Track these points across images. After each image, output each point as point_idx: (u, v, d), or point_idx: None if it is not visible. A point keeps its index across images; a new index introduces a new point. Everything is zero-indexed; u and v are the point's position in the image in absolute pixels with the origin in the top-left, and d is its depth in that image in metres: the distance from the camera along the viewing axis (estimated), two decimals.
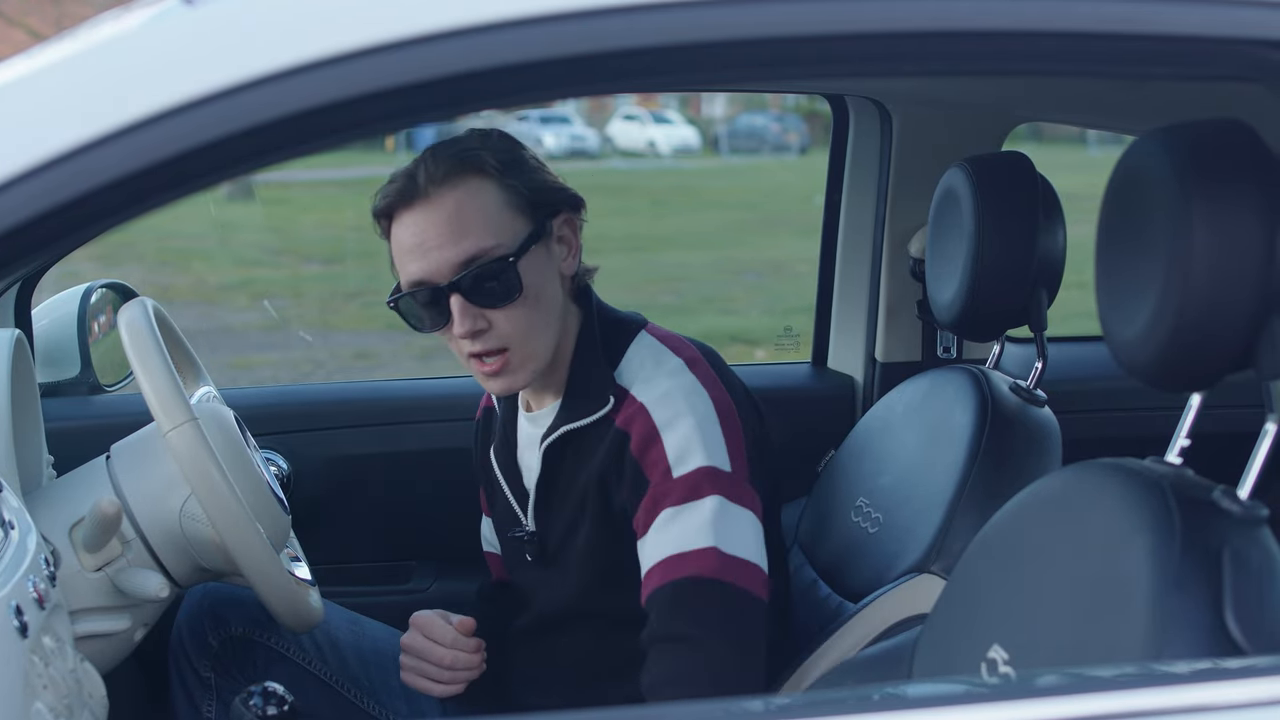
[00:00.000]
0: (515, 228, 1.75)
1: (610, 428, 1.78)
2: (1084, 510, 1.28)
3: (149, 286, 7.29)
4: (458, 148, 1.76)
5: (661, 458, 1.73)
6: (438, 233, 1.73)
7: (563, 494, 1.85)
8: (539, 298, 1.76)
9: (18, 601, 1.29)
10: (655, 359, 1.81)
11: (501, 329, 1.75)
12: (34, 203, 1.00)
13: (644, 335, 1.86)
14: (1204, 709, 1.03)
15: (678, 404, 1.75)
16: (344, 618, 2.13)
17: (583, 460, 1.82)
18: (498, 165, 1.75)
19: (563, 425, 1.82)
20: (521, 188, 1.76)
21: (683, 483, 1.72)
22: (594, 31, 1.04)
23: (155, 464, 1.78)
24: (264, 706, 1.76)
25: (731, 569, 1.70)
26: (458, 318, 1.74)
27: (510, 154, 1.78)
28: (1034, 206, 1.92)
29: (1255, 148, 1.14)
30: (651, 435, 1.74)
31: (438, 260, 1.73)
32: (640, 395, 1.78)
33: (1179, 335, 1.13)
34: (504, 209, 1.74)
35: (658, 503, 1.73)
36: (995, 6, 1.08)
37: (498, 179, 1.74)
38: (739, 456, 1.75)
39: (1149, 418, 1.86)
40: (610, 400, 1.79)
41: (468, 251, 1.72)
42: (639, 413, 1.76)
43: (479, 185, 1.74)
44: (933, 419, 2.03)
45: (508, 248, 1.73)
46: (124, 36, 1.07)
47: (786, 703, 1.18)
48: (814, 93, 3.25)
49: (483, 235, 1.72)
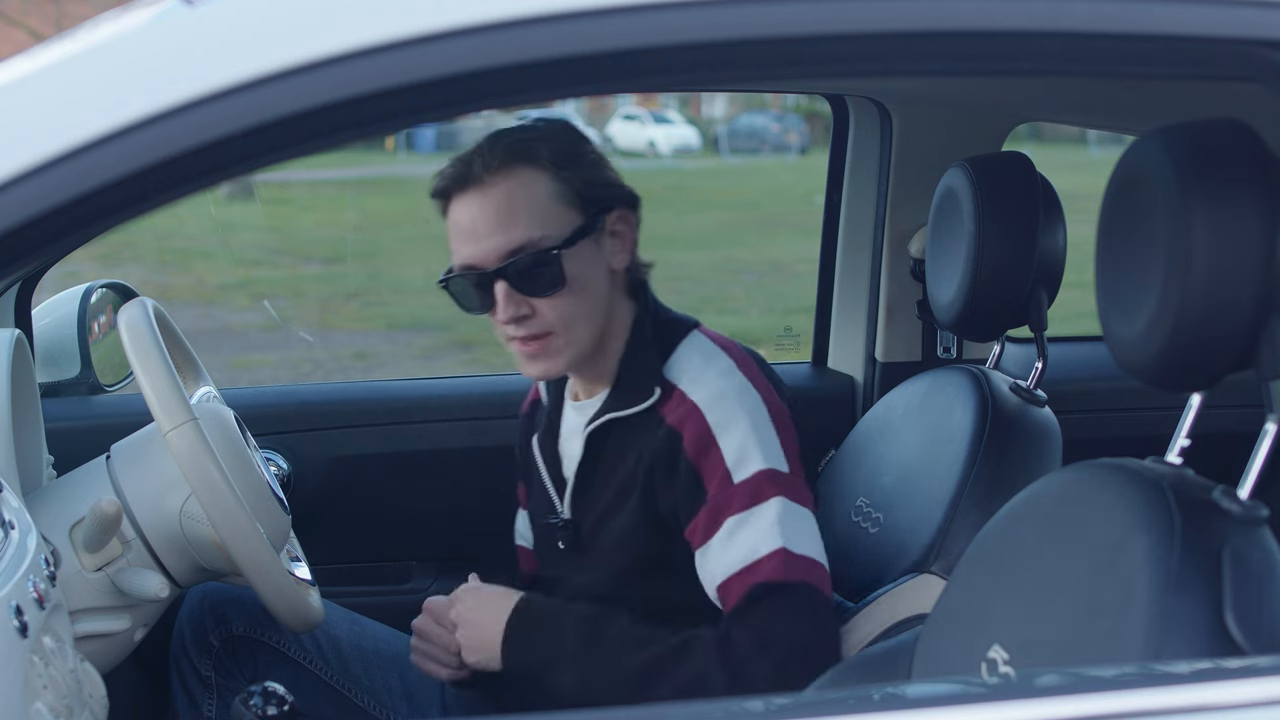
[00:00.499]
0: (564, 220, 1.77)
1: (656, 421, 1.80)
2: (1084, 510, 1.28)
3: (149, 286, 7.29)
4: (515, 137, 1.78)
5: (720, 463, 1.74)
6: (487, 220, 1.76)
7: (601, 482, 1.86)
8: (583, 289, 1.78)
9: (18, 601, 1.29)
10: (705, 357, 1.83)
11: (544, 316, 1.78)
12: (34, 203, 1.00)
13: (696, 334, 1.87)
14: (1204, 709, 1.03)
15: (731, 405, 1.76)
16: (344, 618, 2.13)
17: (624, 450, 1.83)
18: (553, 157, 1.77)
19: (608, 413, 1.84)
20: (575, 181, 1.78)
21: (744, 488, 1.73)
22: (594, 31, 1.04)
23: (155, 464, 1.78)
24: (264, 706, 1.76)
25: (802, 569, 1.71)
26: (501, 303, 1.77)
27: (569, 147, 1.81)
28: (1034, 207, 1.92)
29: (1255, 148, 1.14)
30: (707, 438, 1.75)
31: (486, 247, 1.76)
32: (691, 393, 1.79)
33: (1179, 335, 1.13)
34: (554, 201, 1.77)
35: (720, 512, 1.73)
36: (995, 6, 1.08)
37: (552, 171, 1.77)
38: (794, 457, 1.77)
39: (1149, 418, 1.86)
40: (656, 392, 1.80)
41: (515, 241, 1.75)
42: (692, 413, 1.77)
43: (532, 176, 1.76)
44: (933, 419, 2.03)
45: (554, 239, 1.76)
46: (124, 36, 1.07)
47: (786, 703, 1.18)
48: (814, 93, 3.25)
49: (530, 226, 1.75)
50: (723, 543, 1.73)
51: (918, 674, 1.45)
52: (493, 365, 7.89)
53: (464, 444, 2.52)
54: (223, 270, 10.92)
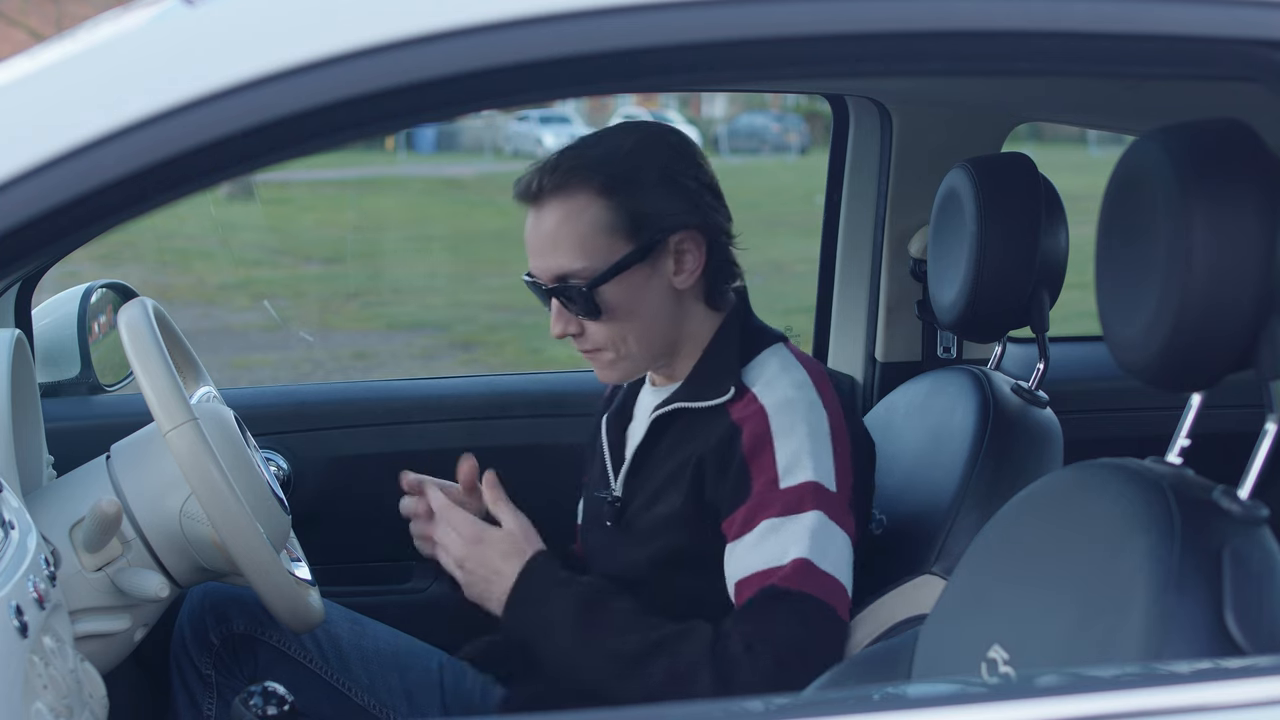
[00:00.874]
0: (608, 250, 1.79)
1: (723, 418, 1.81)
2: (1084, 510, 1.28)
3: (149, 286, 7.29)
4: (580, 156, 1.81)
5: (770, 465, 1.74)
6: (538, 242, 1.82)
7: (655, 466, 1.88)
8: (630, 314, 1.81)
9: (18, 601, 1.29)
10: (783, 366, 1.84)
11: (593, 335, 1.83)
12: (34, 203, 1.00)
13: (780, 346, 1.89)
14: (1204, 709, 1.03)
15: (796, 414, 1.77)
16: (345, 617, 2.13)
17: (685, 440, 1.84)
18: (609, 183, 1.78)
19: (678, 402, 1.86)
20: (631, 207, 1.79)
21: (788, 494, 1.73)
22: (594, 31, 1.04)
23: (155, 464, 1.78)
24: (264, 706, 1.75)
25: (819, 583, 1.71)
26: (553, 318, 1.85)
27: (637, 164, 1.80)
28: (1036, 207, 1.92)
29: (1255, 148, 1.14)
30: (764, 438, 1.76)
31: (538, 265, 1.84)
32: (761, 396, 1.80)
33: (1179, 335, 1.13)
34: (598, 231, 1.79)
35: (758, 511, 1.74)
36: (995, 6, 1.08)
37: (604, 199, 1.79)
38: (845, 479, 1.76)
39: (1149, 418, 1.86)
40: (731, 391, 1.82)
41: (558, 268, 1.80)
42: (757, 413, 1.78)
43: (583, 204, 1.79)
44: (934, 420, 2.03)
45: (592, 271, 1.78)
46: (124, 36, 1.08)
47: (786, 703, 1.18)
48: (814, 93, 3.25)
49: (571, 256, 1.79)
50: (753, 542, 1.73)
51: (918, 674, 1.45)
52: (492, 365, 7.90)
53: (464, 444, 2.51)
54: (223, 270, 10.93)
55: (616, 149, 1.83)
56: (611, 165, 1.80)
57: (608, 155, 1.81)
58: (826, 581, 1.71)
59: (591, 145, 1.84)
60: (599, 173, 1.79)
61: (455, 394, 2.64)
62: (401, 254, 11.96)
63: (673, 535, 1.83)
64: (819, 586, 1.70)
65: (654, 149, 1.84)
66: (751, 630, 1.70)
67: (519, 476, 2.51)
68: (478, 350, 8.37)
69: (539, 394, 2.65)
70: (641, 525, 1.88)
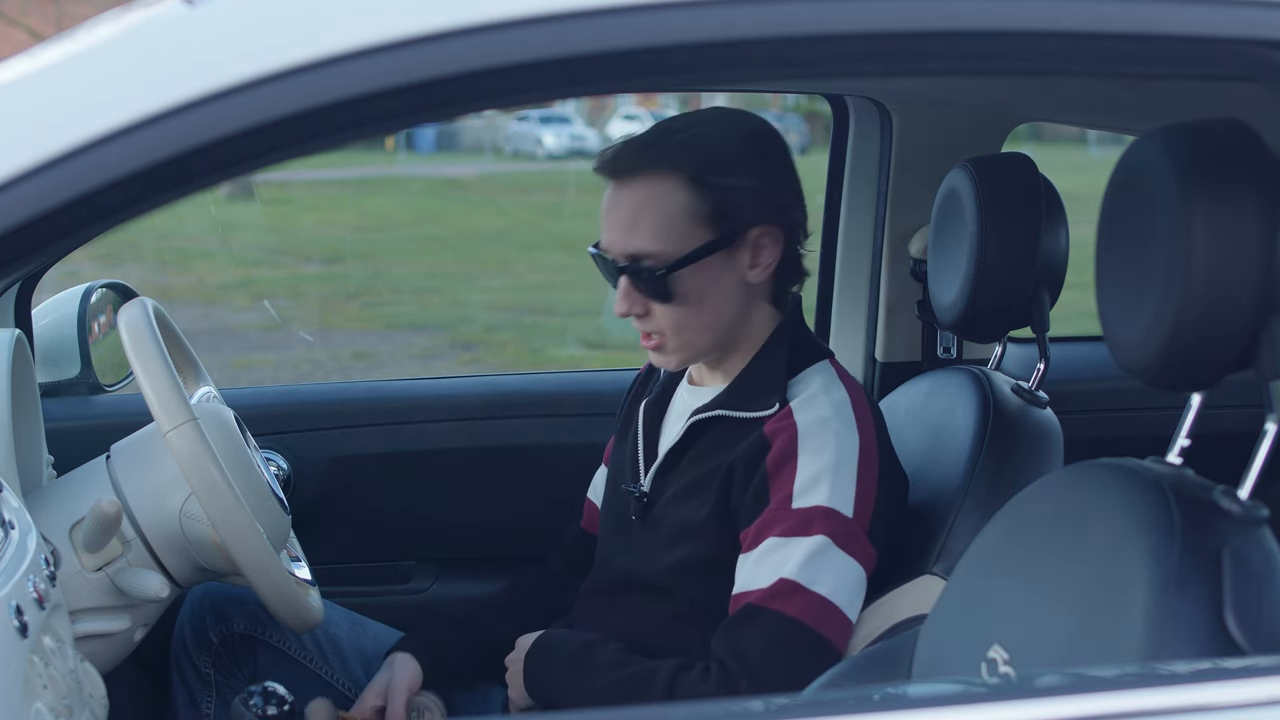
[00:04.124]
0: (690, 236, 1.77)
1: (758, 430, 1.79)
2: (1084, 510, 1.28)
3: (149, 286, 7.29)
4: (670, 140, 1.80)
5: (789, 483, 1.74)
6: (616, 219, 1.80)
7: (686, 467, 1.86)
8: (700, 301, 1.79)
9: (18, 601, 1.29)
10: (826, 386, 1.82)
11: (658, 319, 1.81)
12: (34, 203, 1.00)
13: (826, 363, 1.87)
14: (1204, 709, 1.03)
15: (826, 436, 1.75)
16: (345, 617, 2.13)
17: (718, 447, 1.83)
18: (697, 169, 1.76)
19: (720, 409, 1.84)
20: (716, 196, 1.77)
21: (797, 515, 1.72)
22: (594, 31, 1.04)
23: (155, 464, 1.78)
24: (264, 706, 1.76)
25: (809, 608, 1.70)
26: (620, 297, 1.82)
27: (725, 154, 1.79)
28: (1036, 208, 1.92)
29: (1255, 148, 1.14)
30: (790, 455, 1.75)
31: (613, 241, 1.81)
32: (797, 412, 1.78)
33: (1179, 335, 1.13)
34: (682, 216, 1.77)
35: (768, 527, 1.73)
36: (995, 6, 1.08)
37: (690, 185, 1.77)
38: (865, 507, 1.74)
39: (1150, 418, 1.86)
40: (775, 406, 1.80)
41: (635, 248, 1.78)
42: (788, 429, 1.77)
43: (667, 186, 1.77)
44: (934, 420, 2.03)
45: (671, 255, 1.77)
46: (124, 36, 1.07)
47: (786, 703, 1.18)
48: (814, 93, 3.25)
49: (651, 238, 1.77)
50: (757, 558, 1.73)
51: (918, 674, 1.45)
52: (492, 365, 7.90)
53: (464, 444, 2.52)
54: (223, 270, 10.93)
55: (708, 136, 1.81)
56: (704, 151, 1.78)
57: (699, 140, 1.80)
58: (813, 602, 1.70)
59: (682, 129, 1.82)
60: (691, 157, 1.77)
61: (455, 394, 2.64)
62: (401, 254, 11.95)
63: (695, 542, 1.82)
64: (800, 608, 1.69)
65: (745, 139, 1.83)
66: (726, 648, 1.71)
67: (519, 476, 2.53)
68: (478, 350, 8.36)
69: (539, 394, 2.65)
70: (667, 526, 1.87)
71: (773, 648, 1.69)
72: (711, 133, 1.81)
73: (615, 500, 1.99)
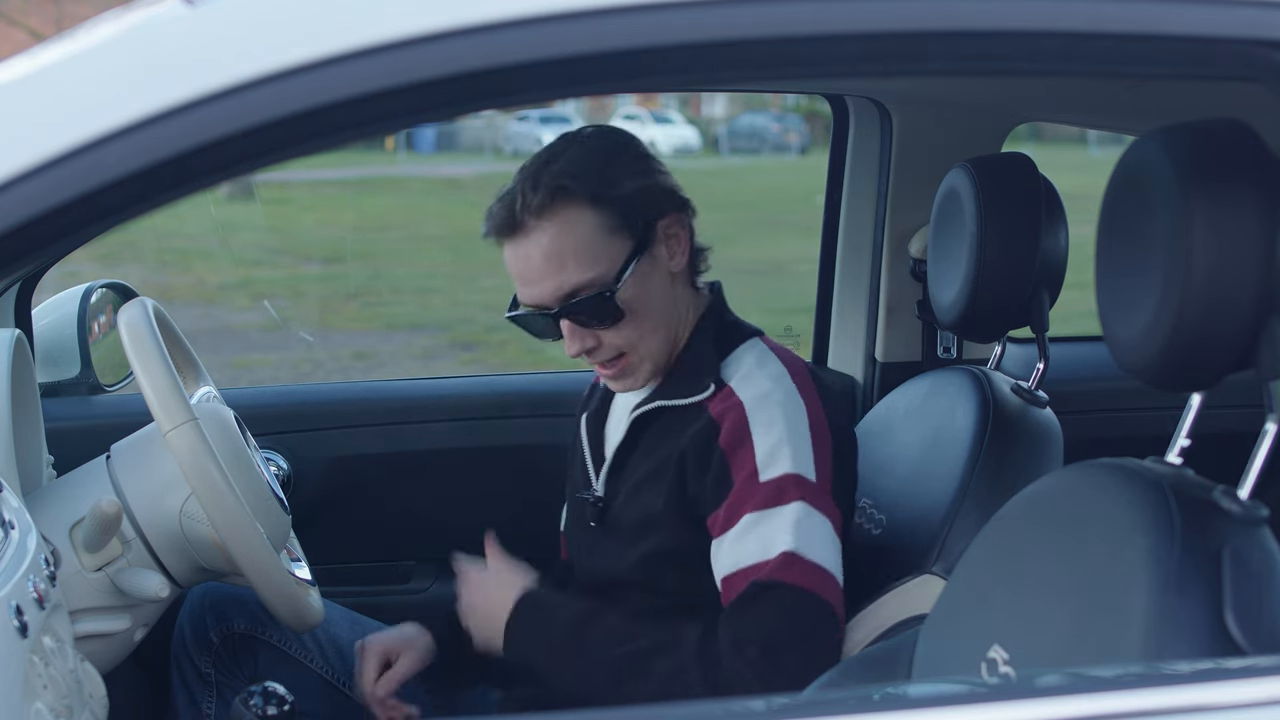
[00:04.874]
0: (614, 252, 1.78)
1: (703, 414, 1.81)
2: (1084, 510, 1.28)
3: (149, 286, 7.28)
4: (551, 173, 1.77)
5: (749, 459, 1.75)
6: (537, 267, 1.78)
7: (635, 464, 1.88)
8: (644, 307, 1.81)
9: (18, 601, 1.29)
10: (760, 361, 1.84)
11: (612, 342, 1.81)
12: (34, 203, 1.00)
13: (757, 340, 1.89)
14: (1204, 709, 1.03)
15: (773, 407, 1.77)
16: (345, 617, 2.13)
17: (664, 438, 1.85)
18: (590, 190, 1.77)
19: (658, 400, 1.86)
20: (618, 205, 1.78)
21: (768, 487, 1.73)
22: (594, 31, 1.04)
23: (155, 464, 1.78)
24: (264, 706, 1.76)
25: (809, 576, 1.71)
26: (568, 339, 1.81)
27: (606, 166, 1.80)
28: (1036, 207, 1.92)
29: (1255, 148, 1.14)
30: (743, 433, 1.76)
31: (540, 291, 1.79)
32: (739, 390, 1.81)
33: (1179, 335, 1.13)
34: (600, 235, 1.78)
35: (740, 506, 1.74)
36: (995, 6, 1.08)
37: (590, 204, 1.77)
38: (824, 468, 1.77)
39: (1150, 418, 1.86)
40: (711, 388, 1.82)
41: (567, 285, 1.77)
42: (734, 408, 1.79)
43: (575, 215, 1.77)
44: (934, 420, 2.03)
45: (606, 276, 1.77)
46: (124, 36, 1.07)
47: (786, 703, 1.18)
48: (814, 93, 3.25)
49: (580, 268, 1.77)
50: (737, 537, 1.73)
51: (918, 674, 1.45)
52: (492, 365, 7.90)
53: (464, 444, 2.52)
54: (223, 270, 10.92)
55: (579, 156, 1.80)
56: (585, 171, 1.78)
57: (575, 163, 1.79)
58: (813, 572, 1.71)
59: (550, 161, 1.80)
60: (578, 180, 1.77)
61: (455, 394, 2.64)
62: (401, 254, 11.96)
63: (657, 534, 1.83)
64: (806, 578, 1.70)
65: (608, 147, 1.84)
66: (738, 628, 1.70)
67: (519, 476, 2.52)
68: (478, 350, 8.36)
69: (539, 394, 2.65)
70: (625, 524, 1.88)
71: (789, 621, 1.70)
72: (579, 153, 1.81)
73: (575, 511, 2.01)
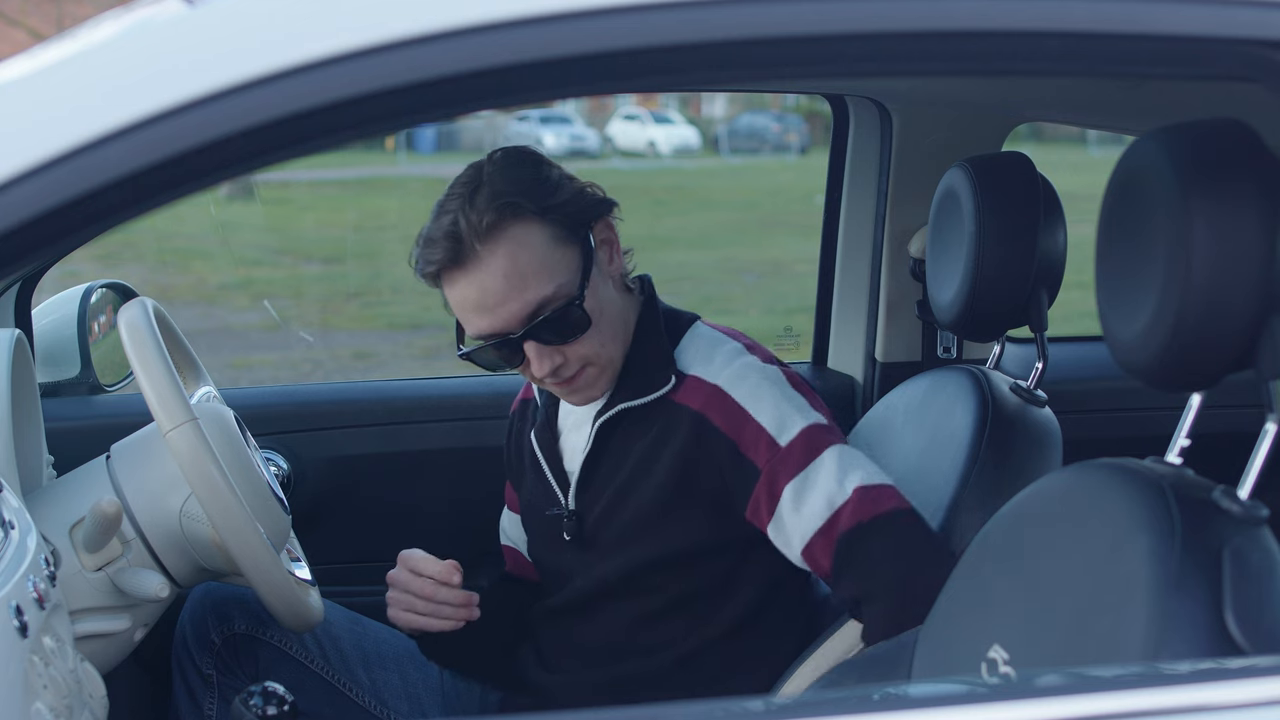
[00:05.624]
0: (569, 262, 1.76)
1: (673, 409, 1.81)
2: (1084, 510, 1.28)
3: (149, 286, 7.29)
4: (488, 196, 1.73)
5: (761, 434, 1.76)
6: (497, 289, 1.73)
7: (608, 473, 1.86)
8: (602, 315, 1.79)
9: (18, 601, 1.29)
10: (712, 344, 1.86)
11: (577, 354, 1.79)
12: (34, 203, 1.00)
13: (699, 325, 1.90)
14: (1204, 709, 1.03)
15: (753, 379, 1.79)
16: (346, 618, 2.13)
17: (632, 440, 1.84)
18: (534, 202, 1.74)
19: (620, 403, 1.84)
20: (560, 214, 1.76)
21: (794, 448, 1.75)
22: (595, 31, 1.04)
23: (155, 464, 1.78)
24: (264, 706, 1.75)
25: (879, 497, 1.73)
26: (535, 361, 1.77)
27: (537, 179, 1.77)
28: (1035, 207, 1.92)
29: (1255, 148, 1.14)
30: (739, 415, 1.77)
31: (504, 315, 1.75)
32: (707, 377, 1.81)
33: (1179, 335, 1.13)
34: (553, 248, 1.75)
35: (776, 480, 1.74)
36: (995, 6, 1.08)
37: (540, 218, 1.74)
38: (824, 410, 1.81)
39: (1149, 418, 1.86)
40: (671, 380, 1.82)
41: (533, 302, 1.74)
42: (714, 394, 1.79)
43: (525, 231, 1.73)
44: (933, 419, 2.03)
45: (570, 287, 1.75)
46: (125, 36, 1.07)
47: (786, 703, 1.18)
48: (814, 93, 3.25)
49: (543, 282, 1.74)
50: (792, 509, 1.73)
51: (918, 674, 1.45)
52: None
53: (464, 444, 2.52)
54: (223, 270, 10.92)
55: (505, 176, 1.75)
56: (520, 187, 1.74)
57: (508, 182, 1.74)
58: (880, 491, 1.74)
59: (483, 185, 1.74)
60: (521, 196, 1.73)
61: (455, 394, 2.64)
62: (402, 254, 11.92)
63: (652, 536, 1.83)
64: (879, 500, 1.72)
65: (531, 161, 1.80)
66: (857, 584, 1.71)
67: None
68: None
69: None
70: (609, 534, 1.87)
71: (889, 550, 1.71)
72: (502, 173, 1.76)
73: (544, 530, 1.97)
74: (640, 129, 25.20)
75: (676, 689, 1.83)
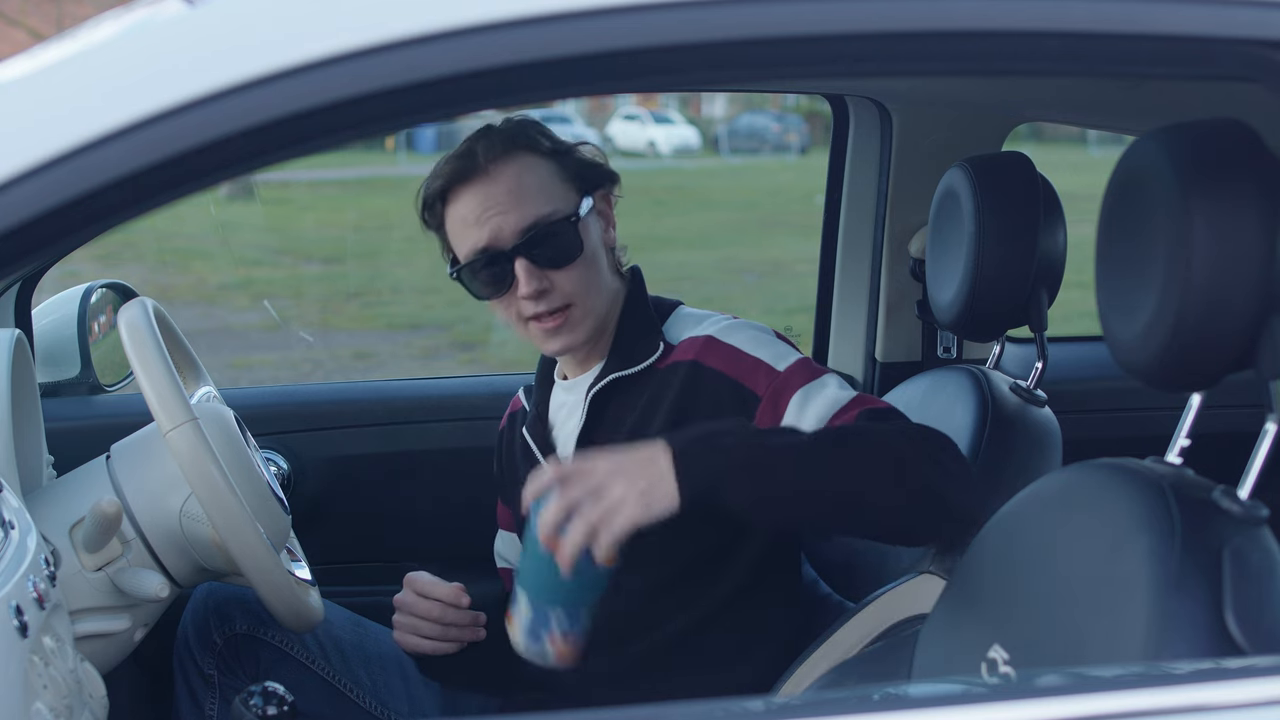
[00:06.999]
0: (569, 196, 1.84)
1: (661, 375, 1.83)
2: (1084, 510, 1.28)
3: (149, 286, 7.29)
4: (508, 128, 1.85)
5: (759, 365, 1.78)
6: (499, 202, 1.80)
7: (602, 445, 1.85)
8: (594, 258, 1.85)
9: (18, 601, 1.29)
10: (698, 316, 1.91)
11: (563, 287, 1.82)
12: (34, 203, 1.00)
13: (683, 307, 1.95)
14: (1204, 709, 1.03)
15: (743, 329, 1.84)
16: (346, 618, 2.13)
17: (625, 411, 1.85)
18: (544, 146, 1.85)
19: (612, 373, 1.87)
20: (569, 162, 1.86)
21: (795, 369, 1.77)
22: (595, 31, 1.04)
23: (155, 464, 1.78)
24: (264, 706, 1.75)
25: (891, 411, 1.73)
26: (523, 279, 1.80)
27: (547, 132, 1.89)
28: (1035, 207, 1.92)
29: (1255, 148, 1.15)
30: (736, 354, 1.80)
31: (500, 225, 1.80)
32: (699, 333, 1.85)
33: (1179, 335, 1.13)
34: (556, 181, 1.84)
35: (779, 400, 1.76)
36: (995, 6, 1.08)
37: (549, 155, 1.84)
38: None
39: (1149, 418, 1.86)
40: (660, 348, 1.85)
41: (530, 217, 1.80)
42: (708, 342, 1.83)
43: (534, 161, 1.83)
44: (933, 419, 2.02)
45: (567, 211, 1.82)
46: (125, 36, 1.08)
47: (786, 703, 1.18)
48: (814, 93, 3.25)
49: (542, 202, 1.81)
50: (797, 412, 1.74)
51: (918, 674, 1.45)
52: (492, 365, 7.90)
53: (464, 444, 2.52)
54: (223, 270, 10.93)
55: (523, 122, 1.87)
56: (535, 130, 1.86)
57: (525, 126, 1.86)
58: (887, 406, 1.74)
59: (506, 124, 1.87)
60: (536, 139, 1.84)
61: (455, 394, 2.64)
62: (401, 254, 11.96)
63: None
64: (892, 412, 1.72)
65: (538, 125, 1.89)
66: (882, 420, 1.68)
67: None
68: (478, 350, 8.36)
69: None
70: None
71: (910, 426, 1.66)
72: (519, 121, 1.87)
73: None
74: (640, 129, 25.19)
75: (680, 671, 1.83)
